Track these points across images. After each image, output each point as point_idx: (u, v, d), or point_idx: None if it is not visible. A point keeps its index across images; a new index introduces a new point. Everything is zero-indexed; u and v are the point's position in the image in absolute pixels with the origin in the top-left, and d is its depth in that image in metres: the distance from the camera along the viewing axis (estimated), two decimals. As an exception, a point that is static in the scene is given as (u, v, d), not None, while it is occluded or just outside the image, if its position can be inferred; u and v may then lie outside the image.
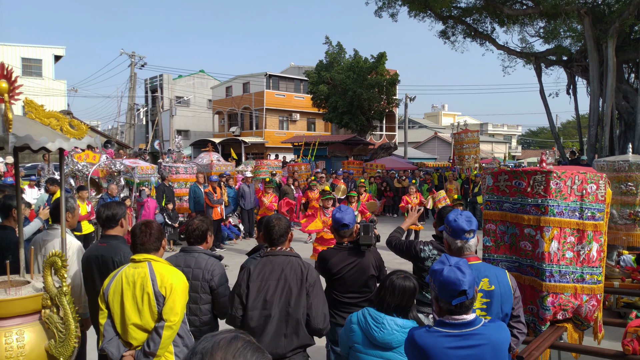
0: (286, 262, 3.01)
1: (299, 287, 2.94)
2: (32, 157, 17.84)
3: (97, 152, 11.49)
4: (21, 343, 2.76)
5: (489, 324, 2.20)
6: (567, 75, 19.29)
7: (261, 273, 2.97)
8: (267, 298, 2.91)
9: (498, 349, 2.11)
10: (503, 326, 2.24)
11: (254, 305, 2.91)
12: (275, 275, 2.95)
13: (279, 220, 3.13)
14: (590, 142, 16.84)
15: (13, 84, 2.75)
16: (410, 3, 18.59)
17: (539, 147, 61.94)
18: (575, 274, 3.66)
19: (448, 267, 2.13)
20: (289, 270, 2.97)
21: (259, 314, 2.90)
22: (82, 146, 2.97)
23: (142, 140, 43.75)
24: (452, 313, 2.13)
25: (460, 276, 2.08)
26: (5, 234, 3.99)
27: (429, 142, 49.99)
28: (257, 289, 2.93)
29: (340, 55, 29.24)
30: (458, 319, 2.12)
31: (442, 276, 2.11)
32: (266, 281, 2.94)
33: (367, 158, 26.17)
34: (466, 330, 2.10)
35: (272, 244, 3.10)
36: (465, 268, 2.12)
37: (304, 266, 3.02)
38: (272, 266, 2.98)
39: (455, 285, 2.07)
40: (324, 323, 2.98)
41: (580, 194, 3.68)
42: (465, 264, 2.16)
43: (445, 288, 2.10)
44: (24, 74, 28.95)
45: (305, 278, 2.96)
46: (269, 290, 2.92)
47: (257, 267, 3.00)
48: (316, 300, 2.97)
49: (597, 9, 16.53)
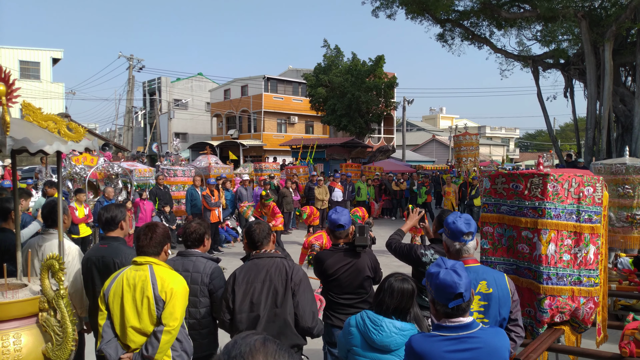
0: (271, 263, 3.05)
1: (285, 287, 2.97)
2: (30, 160, 17.82)
3: (95, 154, 11.49)
4: (18, 346, 2.75)
5: (487, 329, 2.20)
6: (565, 78, 19.36)
7: (246, 276, 3.01)
8: (253, 300, 2.95)
9: (495, 354, 2.11)
10: (502, 333, 2.24)
11: (241, 309, 2.95)
12: (261, 278, 2.99)
13: (258, 224, 3.21)
14: (588, 145, 16.88)
15: (11, 87, 2.75)
16: (408, 5, 18.63)
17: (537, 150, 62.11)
18: (572, 277, 3.67)
19: (444, 270, 2.13)
20: (274, 271, 3.01)
21: (247, 317, 2.95)
22: (80, 149, 2.98)
23: (140, 143, 43.73)
24: (449, 316, 2.13)
25: (456, 279, 2.09)
26: (4, 236, 3.97)
27: (427, 144, 50.09)
28: (243, 292, 2.97)
29: (339, 58, 29.32)
30: (455, 321, 2.12)
31: (439, 279, 2.12)
32: (252, 284, 2.99)
33: (365, 161, 26.21)
34: (463, 333, 2.11)
35: (255, 248, 3.15)
36: (461, 271, 2.13)
37: (288, 266, 3.06)
38: (257, 269, 3.03)
39: (452, 288, 2.08)
40: (313, 321, 3.00)
41: (578, 197, 3.69)
42: (461, 266, 2.17)
43: (441, 291, 2.11)
44: (22, 76, 28.93)
45: (290, 278, 3.00)
46: (255, 292, 2.96)
47: (243, 270, 3.05)
48: (303, 299, 2.99)
49: (593, 13, 16.59)
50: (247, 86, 40.24)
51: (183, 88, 46.47)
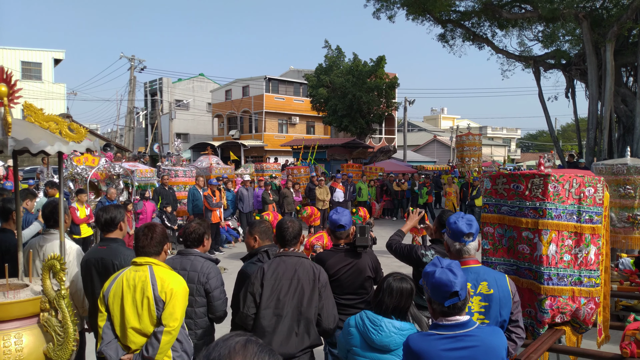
0: (298, 262, 3.07)
1: (312, 287, 3.01)
2: (32, 160, 17.84)
3: (96, 155, 11.50)
4: (19, 346, 2.76)
5: (484, 327, 2.21)
6: (566, 78, 19.32)
7: (275, 272, 3.02)
8: (280, 297, 2.96)
9: (492, 352, 2.11)
10: (499, 332, 2.25)
11: (267, 304, 2.96)
12: (289, 275, 3.01)
13: (292, 222, 3.26)
14: (589, 146, 16.85)
15: (12, 88, 2.76)
16: (409, 6, 18.62)
17: (538, 151, 62.06)
18: (573, 277, 3.67)
19: (440, 269, 2.15)
20: (302, 270, 3.03)
21: (271, 313, 2.95)
22: (81, 149, 2.98)
23: (142, 144, 43.77)
24: (445, 315, 2.15)
25: (452, 277, 2.10)
26: (5, 237, 3.98)
27: (428, 145, 50.09)
28: (271, 288, 2.98)
29: (340, 58, 29.32)
30: (451, 320, 2.14)
31: (434, 278, 2.13)
32: (279, 281, 2.99)
33: (367, 161, 26.22)
34: (460, 331, 2.12)
35: (284, 245, 3.20)
36: (457, 270, 2.15)
37: (315, 267, 3.10)
38: (285, 266, 3.04)
39: (447, 287, 2.09)
40: (334, 324, 3.08)
41: (578, 197, 3.69)
42: (457, 265, 2.19)
43: (437, 290, 2.12)
44: (24, 77, 28.98)
45: (318, 279, 3.04)
46: (282, 289, 2.98)
47: (271, 266, 3.05)
48: (327, 302, 3.05)
49: (595, 13, 16.56)
50: (248, 87, 40.27)
51: (184, 89, 46.52)
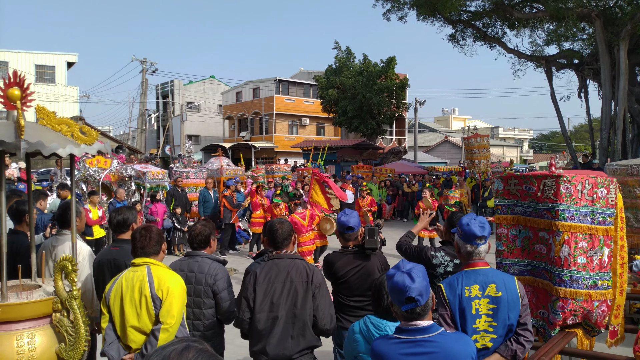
0: (291, 264, 3.06)
1: (305, 288, 3.00)
2: (45, 162, 18.06)
3: (108, 157, 11.60)
4: (32, 346, 2.79)
5: (448, 333, 2.17)
6: (579, 78, 19.13)
7: (267, 276, 3.02)
8: (273, 300, 2.96)
9: (452, 359, 2.08)
10: (464, 338, 2.22)
11: (261, 308, 2.96)
12: (281, 278, 3.01)
13: (281, 223, 3.20)
14: (603, 146, 16.63)
15: (25, 91, 2.80)
16: (419, 7, 18.57)
17: (551, 151, 61.40)
18: (588, 280, 3.62)
19: (399, 272, 2.13)
20: (295, 272, 3.03)
21: (266, 316, 2.96)
22: (93, 152, 3.01)
23: (153, 146, 44.12)
24: (406, 319, 2.14)
25: (408, 283, 2.07)
26: (18, 238, 4.03)
27: (439, 146, 49.80)
28: (264, 291, 2.98)
29: (350, 60, 29.24)
30: (412, 325, 2.12)
31: (392, 281, 2.13)
32: (272, 284, 3.00)
33: (377, 162, 26.13)
34: (420, 336, 2.10)
35: (276, 248, 3.17)
36: (417, 275, 2.11)
37: (309, 268, 3.08)
38: (277, 269, 3.04)
39: (402, 292, 2.07)
40: (331, 323, 3.05)
41: (591, 199, 3.65)
42: (418, 270, 2.14)
43: (394, 294, 2.12)
44: (38, 80, 29.37)
45: (311, 280, 3.02)
46: (276, 292, 2.98)
47: (263, 270, 3.05)
48: (322, 302, 3.03)
49: (608, 12, 16.37)
50: (258, 88, 40.39)
51: (195, 91, 46.78)
